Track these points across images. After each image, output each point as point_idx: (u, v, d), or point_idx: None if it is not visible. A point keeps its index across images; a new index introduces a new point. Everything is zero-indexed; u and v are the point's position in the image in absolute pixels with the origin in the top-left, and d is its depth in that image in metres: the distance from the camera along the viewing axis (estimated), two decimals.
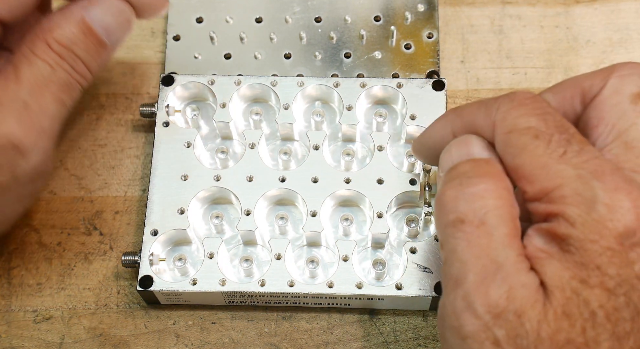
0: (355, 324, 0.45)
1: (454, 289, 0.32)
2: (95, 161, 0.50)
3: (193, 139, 0.47)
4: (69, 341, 0.45)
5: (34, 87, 0.41)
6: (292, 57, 0.51)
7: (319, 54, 0.51)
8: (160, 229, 0.45)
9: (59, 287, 0.46)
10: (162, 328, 0.45)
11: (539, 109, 0.34)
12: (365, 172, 0.46)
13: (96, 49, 0.42)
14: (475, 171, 0.34)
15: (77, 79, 0.42)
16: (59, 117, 0.42)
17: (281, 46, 0.51)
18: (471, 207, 0.33)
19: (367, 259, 0.45)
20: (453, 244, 0.33)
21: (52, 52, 0.41)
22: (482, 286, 0.31)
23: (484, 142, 0.35)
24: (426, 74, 0.50)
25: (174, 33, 0.52)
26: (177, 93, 0.49)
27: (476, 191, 0.33)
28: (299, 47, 0.51)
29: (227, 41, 0.51)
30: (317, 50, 0.51)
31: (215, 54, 0.51)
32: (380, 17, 0.51)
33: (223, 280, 0.44)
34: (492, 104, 0.35)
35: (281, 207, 0.47)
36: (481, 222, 0.32)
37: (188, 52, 0.51)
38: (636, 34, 0.52)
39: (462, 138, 0.36)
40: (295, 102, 0.48)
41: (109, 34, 0.42)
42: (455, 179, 0.34)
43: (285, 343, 0.45)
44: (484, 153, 0.35)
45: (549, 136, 0.33)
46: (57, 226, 0.48)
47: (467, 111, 0.37)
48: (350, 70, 0.50)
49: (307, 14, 0.52)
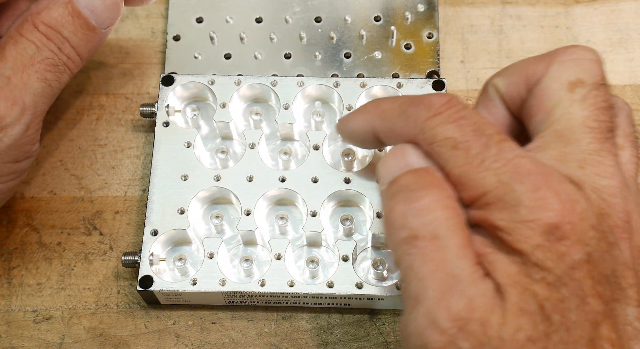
0: (355, 324, 0.45)
1: (415, 307, 0.32)
2: (96, 161, 0.50)
3: (193, 139, 0.47)
4: (69, 341, 0.45)
5: (18, 63, 0.41)
6: (292, 57, 0.51)
7: (319, 54, 0.51)
8: (161, 229, 0.45)
9: (59, 287, 0.46)
10: (162, 328, 0.45)
11: (454, 115, 0.34)
12: (365, 172, 0.46)
13: (84, 32, 0.43)
14: (417, 183, 0.34)
15: (64, 60, 0.43)
16: (44, 96, 0.42)
17: (281, 46, 0.51)
18: (421, 222, 0.33)
19: (367, 259, 0.45)
20: (409, 261, 0.33)
21: (38, 32, 0.42)
22: (442, 300, 0.31)
23: (419, 150, 0.35)
24: (426, 74, 0.50)
25: (174, 33, 0.52)
26: (177, 93, 0.49)
27: (423, 204, 0.33)
28: (299, 47, 0.51)
29: (227, 41, 0.51)
30: (317, 50, 0.51)
31: (215, 54, 0.51)
32: (380, 17, 0.51)
33: (223, 280, 0.44)
34: (410, 114, 0.35)
35: (281, 207, 0.47)
36: (434, 236, 0.32)
37: (188, 52, 0.51)
38: (636, 34, 0.52)
39: (398, 148, 0.36)
40: (295, 102, 0.48)
41: (97, 17, 0.43)
42: (399, 193, 0.34)
43: (285, 343, 0.45)
44: (421, 162, 0.35)
45: (466, 144, 0.33)
46: (57, 226, 0.48)
47: (388, 116, 0.37)
48: (350, 70, 0.50)
49: (307, 14, 0.52)
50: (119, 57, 0.53)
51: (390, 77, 0.49)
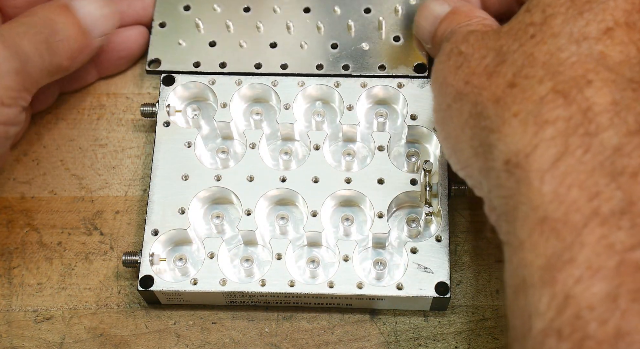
0: (356, 324, 0.45)
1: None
2: (96, 161, 0.50)
3: (194, 139, 0.47)
4: (69, 341, 0.45)
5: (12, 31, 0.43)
6: (278, 47, 0.50)
7: (305, 44, 0.50)
8: (161, 229, 0.45)
9: (60, 287, 0.47)
10: (162, 328, 0.45)
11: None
12: (366, 172, 0.46)
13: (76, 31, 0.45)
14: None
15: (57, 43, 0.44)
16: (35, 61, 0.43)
17: (267, 36, 0.50)
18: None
19: (368, 259, 0.45)
20: None
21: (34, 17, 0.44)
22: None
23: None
24: (414, 67, 0.49)
25: (160, 20, 0.51)
26: (177, 93, 0.49)
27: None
28: (286, 37, 0.51)
29: (213, 29, 0.51)
30: (304, 41, 0.50)
31: (200, 41, 0.50)
32: (370, 9, 0.51)
33: (223, 280, 0.44)
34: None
35: (282, 207, 0.47)
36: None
37: (173, 39, 0.50)
38: None
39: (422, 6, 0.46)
40: (296, 102, 0.48)
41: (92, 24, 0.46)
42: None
43: (285, 343, 0.45)
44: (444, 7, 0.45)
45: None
46: (58, 226, 0.48)
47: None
48: (336, 61, 0.49)
49: (296, 3, 0.51)
50: None
51: (377, 68, 0.49)
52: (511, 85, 0.35)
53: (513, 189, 0.34)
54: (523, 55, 0.36)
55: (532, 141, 0.33)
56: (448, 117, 0.39)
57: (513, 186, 0.34)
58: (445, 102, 0.39)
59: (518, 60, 0.36)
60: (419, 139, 0.48)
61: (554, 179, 0.32)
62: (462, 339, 0.44)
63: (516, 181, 0.33)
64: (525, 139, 0.33)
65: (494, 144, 0.35)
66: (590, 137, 0.32)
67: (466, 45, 0.39)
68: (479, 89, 0.37)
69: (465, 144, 0.38)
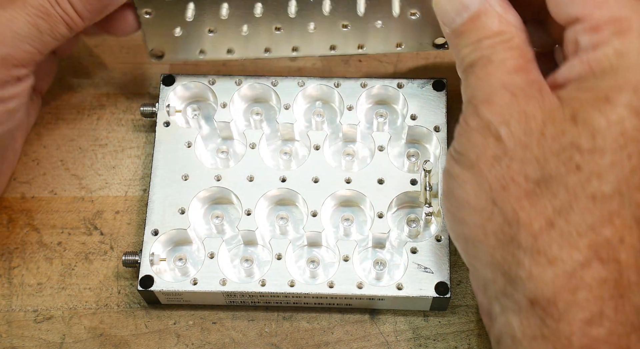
0: (356, 324, 0.45)
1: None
2: (96, 161, 0.50)
3: (194, 139, 0.47)
4: (69, 341, 0.45)
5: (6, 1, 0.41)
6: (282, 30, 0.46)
7: (312, 25, 0.46)
8: (161, 229, 0.45)
9: (60, 287, 0.47)
10: (162, 328, 0.45)
11: None
12: (366, 172, 0.46)
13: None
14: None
15: (60, 13, 0.42)
16: (31, 39, 0.42)
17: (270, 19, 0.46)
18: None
19: (368, 259, 0.45)
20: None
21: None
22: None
23: None
24: (432, 44, 0.47)
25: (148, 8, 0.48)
26: (177, 93, 0.49)
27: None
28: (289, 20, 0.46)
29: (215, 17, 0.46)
30: (310, 22, 0.46)
31: (198, 28, 0.46)
32: None
33: (223, 280, 0.44)
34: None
35: (282, 207, 0.47)
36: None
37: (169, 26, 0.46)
38: None
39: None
40: (296, 102, 0.48)
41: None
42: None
43: (285, 343, 0.45)
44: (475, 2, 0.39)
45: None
46: (58, 226, 0.48)
47: None
48: (348, 41, 0.47)
49: None
50: (119, 57, 0.53)
51: (395, 46, 0.47)
52: (550, 225, 0.34)
53: (533, 324, 0.34)
54: (566, 191, 0.34)
55: (566, 297, 0.33)
56: (473, 208, 0.36)
57: (538, 322, 0.34)
58: (473, 191, 0.36)
59: (560, 193, 0.34)
60: (419, 139, 0.48)
61: (584, 336, 0.32)
62: (462, 339, 0.44)
63: (541, 320, 0.34)
64: (557, 292, 0.33)
65: (521, 276, 0.34)
66: (623, 300, 0.33)
67: (507, 130, 0.35)
68: (516, 209, 0.34)
69: (484, 247, 0.36)
